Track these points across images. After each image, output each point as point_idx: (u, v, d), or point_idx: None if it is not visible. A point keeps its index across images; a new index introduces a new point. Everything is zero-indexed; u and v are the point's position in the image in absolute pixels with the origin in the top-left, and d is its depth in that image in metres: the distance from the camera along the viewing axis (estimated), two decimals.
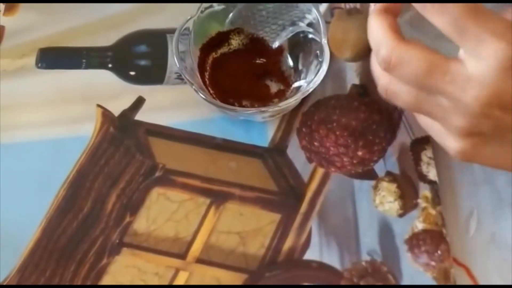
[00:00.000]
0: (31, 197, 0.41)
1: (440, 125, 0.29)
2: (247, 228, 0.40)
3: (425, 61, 0.27)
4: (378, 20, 0.30)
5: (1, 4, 0.48)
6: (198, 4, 0.41)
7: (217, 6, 0.42)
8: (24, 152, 0.42)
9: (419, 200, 0.40)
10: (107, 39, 0.46)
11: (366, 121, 0.42)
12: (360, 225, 0.39)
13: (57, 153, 0.42)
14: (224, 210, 0.40)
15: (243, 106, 0.42)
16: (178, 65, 0.39)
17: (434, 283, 0.37)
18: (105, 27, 0.47)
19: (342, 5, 0.46)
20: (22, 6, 0.48)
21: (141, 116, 0.43)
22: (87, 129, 0.43)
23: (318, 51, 0.41)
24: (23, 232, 0.40)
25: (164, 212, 0.40)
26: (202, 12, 0.41)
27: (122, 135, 0.42)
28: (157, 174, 0.41)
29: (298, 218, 0.40)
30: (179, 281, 0.38)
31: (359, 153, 0.41)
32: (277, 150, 0.42)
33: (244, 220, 0.40)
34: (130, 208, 0.40)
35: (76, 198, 0.40)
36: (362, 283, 0.37)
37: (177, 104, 0.44)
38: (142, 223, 0.40)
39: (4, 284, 0.38)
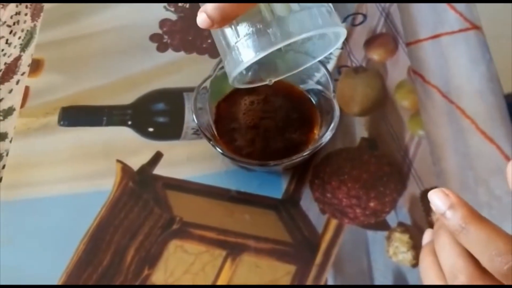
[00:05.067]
0: (52, 250, 0.42)
1: None
2: (263, 280, 0.40)
3: None
4: (454, 243, 0.28)
5: (27, 66, 0.51)
6: (214, 64, 0.44)
7: None
8: (46, 206, 0.44)
9: None
10: (126, 98, 0.49)
11: (376, 173, 0.43)
12: (375, 276, 0.40)
13: (78, 207, 0.43)
14: (240, 262, 0.41)
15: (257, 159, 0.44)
16: (196, 122, 0.41)
17: None
18: (124, 87, 0.49)
19: (349, 63, 0.49)
20: (46, 68, 0.51)
21: (159, 170, 0.45)
22: (107, 184, 0.44)
23: (328, 107, 0.43)
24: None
25: (182, 264, 0.41)
26: (218, 71, 0.44)
27: (141, 189, 0.44)
28: (175, 226, 0.42)
29: (314, 270, 0.40)
30: None
31: (371, 204, 0.42)
32: (291, 201, 0.43)
33: (260, 272, 0.41)
34: (149, 261, 0.41)
35: (96, 251, 0.41)
36: None
37: (193, 159, 0.46)
38: (160, 276, 0.40)
39: None
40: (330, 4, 0.35)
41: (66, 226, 0.43)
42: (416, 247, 0.41)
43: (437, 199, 0.28)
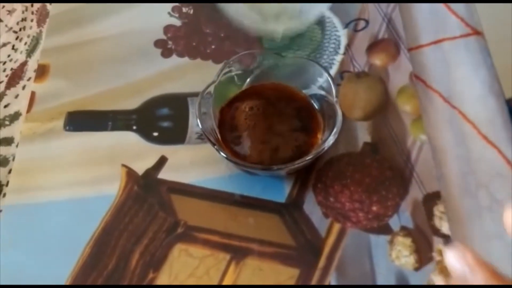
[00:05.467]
0: (58, 254, 0.42)
1: None
2: (267, 283, 0.41)
3: None
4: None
5: (32, 71, 0.52)
6: (217, 70, 0.45)
7: (235, 72, 0.45)
8: (51, 211, 0.44)
9: (434, 254, 0.41)
10: (131, 103, 0.49)
11: (378, 177, 0.44)
12: (377, 279, 0.40)
13: (84, 212, 0.44)
14: (244, 266, 0.41)
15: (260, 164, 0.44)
16: (200, 126, 0.41)
17: None
18: (129, 92, 0.50)
19: (351, 68, 0.50)
20: (51, 73, 0.52)
21: (164, 174, 0.45)
22: (113, 188, 0.45)
23: (330, 112, 0.43)
24: None
25: (186, 268, 0.41)
26: (222, 77, 0.44)
27: (146, 193, 0.44)
28: (179, 230, 0.43)
29: (317, 273, 0.41)
30: None
31: (374, 208, 0.43)
32: (294, 205, 0.44)
33: (264, 275, 0.41)
34: (153, 264, 0.41)
35: (101, 255, 0.42)
36: None
37: (197, 163, 0.46)
38: (164, 279, 0.41)
39: None
40: None
41: (72, 230, 0.43)
42: (418, 250, 0.41)
43: (455, 261, 0.27)
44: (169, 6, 0.55)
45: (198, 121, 0.42)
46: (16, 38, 0.54)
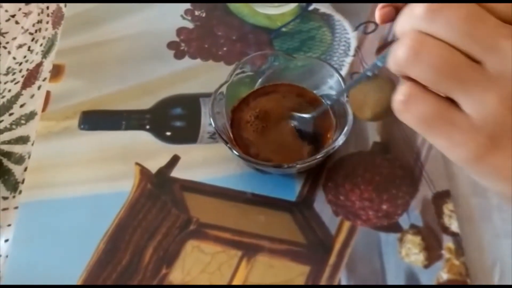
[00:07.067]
0: (73, 249, 0.43)
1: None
2: (278, 280, 0.41)
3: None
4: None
5: (48, 72, 0.53)
6: (229, 71, 0.45)
7: (247, 73, 0.46)
8: (67, 207, 0.45)
9: (443, 252, 0.41)
10: (144, 103, 0.50)
11: (389, 176, 0.44)
12: (387, 276, 0.41)
13: (98, 208, 0.45)
14: (255, 263, 0.42)
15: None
16: (214, 125, 0.42)
17: None
18: (143, 92, 0.51)
19: (361, 70, 0.50)
20: (66, 73, 0.53)
21: (176, 173, 0.46)
22: (126, 186, 0.45)
23: (341, 112, 0.44)
24: (65, 284, 0.41)
25: (198, 264, 0.42)
26: (234, 77, 0.45)
27: (159, 191, 0.45)
28: (192, 227, 0.43)
29: (327, 270, 0.41)
30: None
31: (384, 206, 0.43)
32: (305, 204, 0.44)
33: (275, 272, 0.42)
34: (166, 260, 0.42)
35: (115, 251, 0.42)
36: None
37: (209, 161, 0.47)
38: (177, 275, 0.42)
39: None
40: None
41: (86, 226, 0.44)
42: (428, 248, 0.41)
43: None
44: (182, 9, 0.56)
45: (211, 120, 0.43)
46: (32, 40, 0.55)
